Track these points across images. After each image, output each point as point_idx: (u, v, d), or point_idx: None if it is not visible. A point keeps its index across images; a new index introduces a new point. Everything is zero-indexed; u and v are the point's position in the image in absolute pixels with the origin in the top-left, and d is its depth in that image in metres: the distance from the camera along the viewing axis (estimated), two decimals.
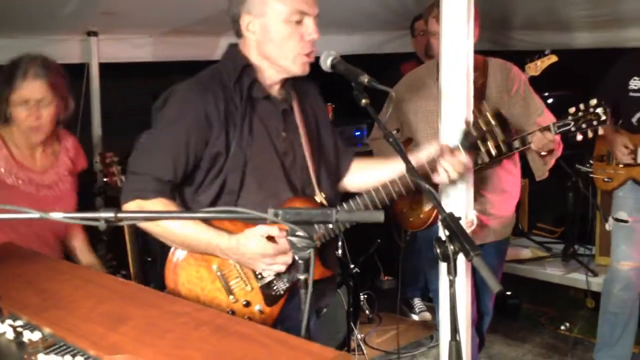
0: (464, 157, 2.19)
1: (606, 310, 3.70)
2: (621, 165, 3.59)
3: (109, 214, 1.34)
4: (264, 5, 2.00)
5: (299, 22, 2.00)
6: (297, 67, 2.07)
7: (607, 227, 3.75)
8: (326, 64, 2.04)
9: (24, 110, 2.52)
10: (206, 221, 2.02)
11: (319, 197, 2.15)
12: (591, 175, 3.86)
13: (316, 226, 2.08)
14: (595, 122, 2.63)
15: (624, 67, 3.55)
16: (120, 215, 1.35)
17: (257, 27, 2.04)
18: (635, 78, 3.46)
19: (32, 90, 2.50)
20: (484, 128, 2.25)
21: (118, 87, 4.79)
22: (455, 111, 2.44)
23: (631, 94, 3.46)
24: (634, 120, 3.45)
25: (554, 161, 3.12)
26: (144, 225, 2.04)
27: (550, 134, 2.73)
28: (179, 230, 1.98)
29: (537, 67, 4.08)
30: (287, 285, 2.09)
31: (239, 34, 2.11)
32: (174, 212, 1.93)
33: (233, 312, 2.07)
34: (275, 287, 2.09)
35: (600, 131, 2.55)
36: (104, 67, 4.46)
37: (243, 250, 1.97)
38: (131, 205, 1.97)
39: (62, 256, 2.77)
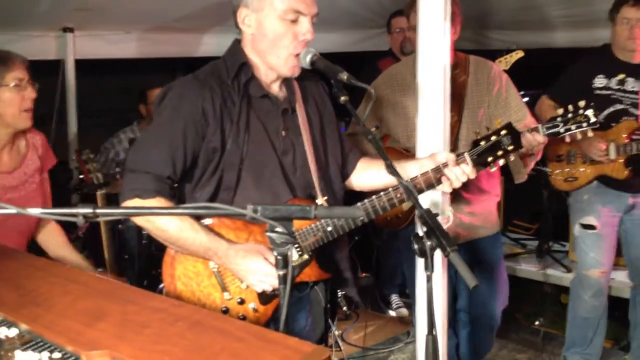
0: (468, 169, 2.17)
1: (576, 315, 3.70)
2: (587, 163, 3.58)
3: (87, 210, 1.33)
4: (261, 0, 2.00)
5: (294, 21, 2.00)
6: (287, 69, 2.06)
7: (576, 232, 3.66)
8: (305, 60, 2.04)
9: (17, 94, 2.49)
10: (205, 225, 2.03)
11: (321, 200, 2.14)
12: (550, 176, 3.77)
13: (318, 228, 2.08)
14: (585, 125, 2.57)
15: (586, 66, 3.58)
16: (98, 210, 1.34)
17: (253, 21, 2.04)
18: (600, 76, 3.50)
19: (21, 70, 2.50)
20: (493, 139, 2.25)
21: (94, 83, 4.76)
22: (432, 108, 2.46)
23: (597, 91, 3.49)
24: (601, 117, 3.48)
25: (533, 164, 3.15)
26: (143, 225, 2.02)
27: (540, 136, 2.73)
28: (177, 233, 1.98)
29: (506, 62, 4.14)
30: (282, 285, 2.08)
31: (237, 26, 2.11)
32: (154, 208, 1.92)
33: (227, 309, 2.08)
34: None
35: (590, 133, 2.55)
36: (80, 64, 4.42)
37: (239, 261, 1.99)
38: (130, 205, 1.96)
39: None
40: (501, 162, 2.28)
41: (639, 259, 3.66)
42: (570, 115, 2.64)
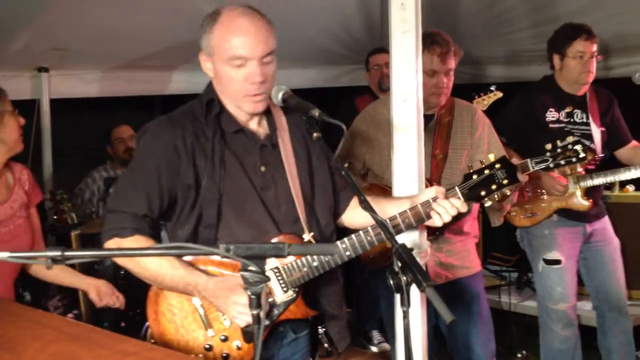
0: (458, 202, 2.14)
1: (550, 348, 3.69)
2: (546, 198, 3.57)
3: (56, 253, 1.31)
4: (210, 47, 2.03)
5: (241, 66, 2.00)
6: (247, 106, 2.07)
7: (540, 268, 3.64)
8: (277, 98, 2.05)
9: (15, 120, 2.59)
10: (186, 261, 2.03)
11: (307, 236, 2.11)
12: (508, 214, 3.68)
13: (303, 264, 2.06)
14: (574, 160, 2.65)
15: (536, 101, 3.57)
16: (67, 254, 1.32)
17: (209, 66, 2.08)
18: (551, 110, 3.53)
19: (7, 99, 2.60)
20: (486, 172, 2.22)
21: (69, 123, 4.74)
22: (406, 144, 2.48)
23: (551, 125, 3.52)
24: None
25: (509, 207, 3.14)
26: (124, 264, 2.06)
27: (522, 175, 2.74)
28: (156, 270, 2.00)
29: (483, 102, 4.19)
30: (267, 323, 2.05)
31: None
32: (124, 250, 1.91)
33: (210, 347, 2.05)
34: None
35: (579, 168, 2.56)
36: (55, 103, 4.41)
37: (219, 293, 1.98)
38: (110, 244, 2.00)
39: (13, 295, 2.67)
40: (496, 196, 2.23)
41: (603, 284, 3.68)
42: (559, 150, 2.67)
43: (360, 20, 4.69)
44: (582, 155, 2.44)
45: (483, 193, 2.22)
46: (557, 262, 3.58)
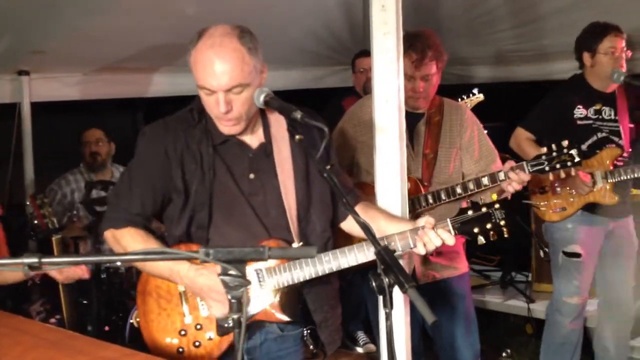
0: (445, 235, 2.09)
1: (553, 342, 3.71)
2: (575, 193, 3.60)
3: (32, 260, 1.30)
4: (190, 66, 2.05)
5: (209, 94, 2.02)
6: (222, 128, 2.12)
7: (560, 260, 3.66)
8: (259, 100, 2.05)
9: None
10: (170, 249, 2.06)
11: (297, 244, 2.13)
12: (537, 208, 3.75)
13: (283, 272, 2.08)
14: (569, 163, 2.67)
15: (564, 98, 3.61)
16: (44, 260, 1.31)
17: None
18: (579, 107, 3.56)
19: None
20: (484, 210, 2.18)
21: (50, 126, 4.70)
22: (388, 145, 2.48)
23: (579, 122, 3.55)
24: (584, 147, 3.52)
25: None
26: (116, 249, 2.16)
27: (525, 174, 2.73)
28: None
29: (466, 105, 4.22)
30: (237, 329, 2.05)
31: None
32: (105, 254, 1.90)
33: (185, 332, 2.12)
34: (229, 320, 2.05)
35: (573, 172, 2.57)
36: (36, 106, 4.36)
37: (199, 279, 2.02)
38: (107, 234, 2.18)
39: None
40: (490, 237, 2.18)
41: (614, 282, 3.71)
42: (554, 154, 2.68)
43: (343, 22, 4.69)
44: (577, 159, 2.44)
45: (476, 230, 2.18)
46: (577, 255, 3.60)
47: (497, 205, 2.19)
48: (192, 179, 2.11)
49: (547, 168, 2.71)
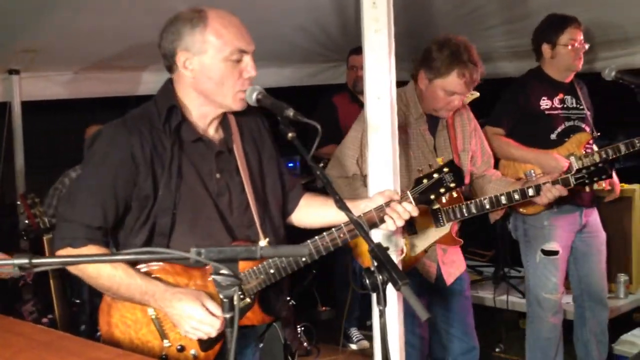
0: (410, 207, 2.17)
1: (539, 337, 3.73)
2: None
3: (23, 260, 1.29)
4: (204, 43, 1.98)
5: (238, 61, 2.00)
6: (236, 104, 2.05)
7: (537, 258, 3.65)
8: (252, 98, 2.04)
9: None
10: (139, 269, 1.99)
11: (263, 242, 2.11)
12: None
13: (256, 271, 2.07)
14: (604, 176, 2.99)
15: (528, 91, 3.63)
16: (35, 261, 1.30)
17: (196, 64, 2.01)
18: (544, 98, 3.59)
19: None
20: (435, 176, 2.26)
21: (41, 125, 4.68)
22: (380, 142, 2.48)
23: (547, 112, 3.58)
24: (554, 136, 3.57)
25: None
26: (75, 273, 1.97)
27: (564, 189, 3.01)
28: (110, 280, 1.94)
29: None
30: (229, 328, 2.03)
31: (171, 69, 2.08)
32: (93, 256, 1.86)
33: (166, 357, 2.02)
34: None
35: (604, 184, 3.07)
36: (26, 105, 4.34)
37: (175, 304, 1.94)
38: (61, 254, 1.93)
39: None
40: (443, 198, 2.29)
41: (587, 274, 3.74)
42: (593, 168, 2.99)
43: (335, 19, 4.68)
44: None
45: (432, 196, 2.28)
46: (555, 253, 3.62)
47: (445, 169, 2.27)
48: (159, 184, 1.99)
49: (587, 181, 3.00)
